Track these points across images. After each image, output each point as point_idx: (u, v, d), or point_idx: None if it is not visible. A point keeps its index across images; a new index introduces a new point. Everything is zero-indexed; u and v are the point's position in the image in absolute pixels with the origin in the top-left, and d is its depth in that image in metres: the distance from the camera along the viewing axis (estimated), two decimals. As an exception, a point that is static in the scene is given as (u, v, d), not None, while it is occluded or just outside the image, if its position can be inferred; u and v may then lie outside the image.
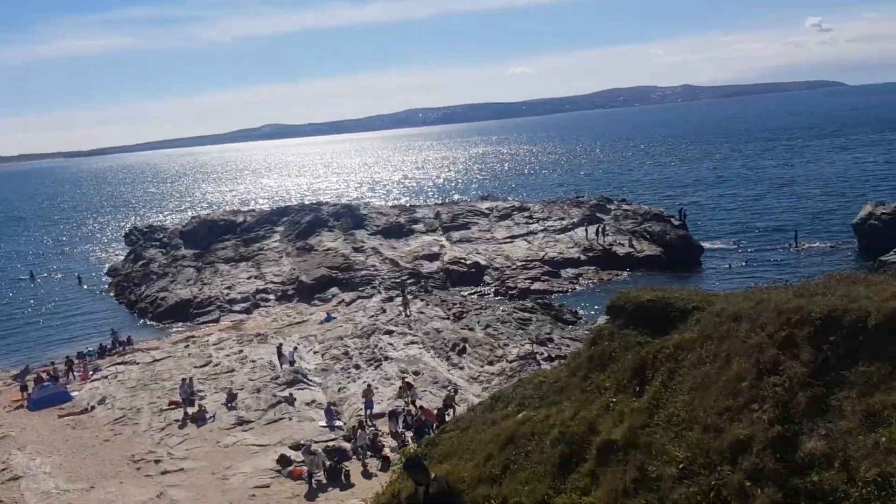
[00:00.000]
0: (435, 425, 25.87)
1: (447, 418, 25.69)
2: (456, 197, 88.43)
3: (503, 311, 45.61)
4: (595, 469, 8.99)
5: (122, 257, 76.51)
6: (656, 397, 9.28)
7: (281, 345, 40.19)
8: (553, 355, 36.18)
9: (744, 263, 53.11)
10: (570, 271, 56.04)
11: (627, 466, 8.48)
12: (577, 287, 53.30)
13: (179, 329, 50.79)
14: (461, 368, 37.03)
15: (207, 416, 32.89)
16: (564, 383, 11.65)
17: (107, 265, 76.38)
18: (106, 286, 67.97)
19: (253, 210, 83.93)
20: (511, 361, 37.05)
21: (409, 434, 28.65)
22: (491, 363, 37.35)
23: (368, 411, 31.63)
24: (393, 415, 30.73)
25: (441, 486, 7.78)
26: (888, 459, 6.25)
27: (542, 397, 11.83)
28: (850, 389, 7.04)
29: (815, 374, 7.44)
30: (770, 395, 7.66)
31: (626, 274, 53.95)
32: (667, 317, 10.57)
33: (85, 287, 69.17)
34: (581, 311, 45.97)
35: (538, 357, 37.00)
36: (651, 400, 9.27)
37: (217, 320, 51.46)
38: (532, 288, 52.55)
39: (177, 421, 32.90)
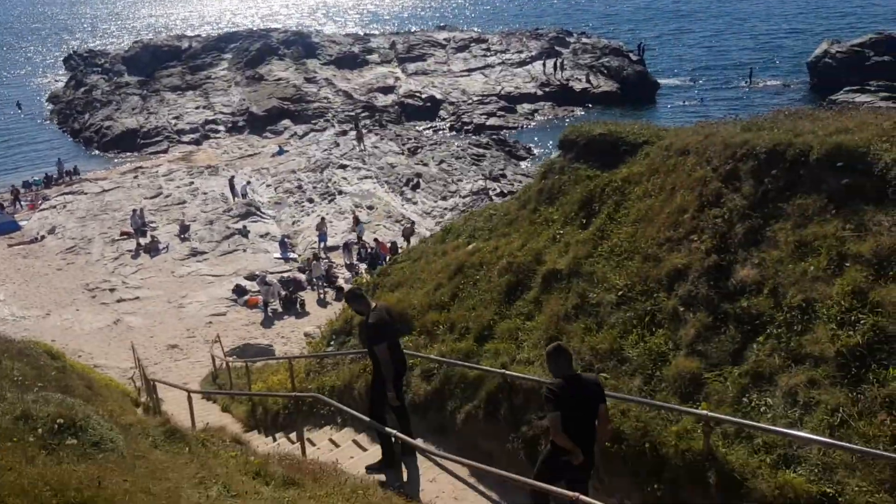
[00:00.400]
0: (388, 257, 26.49)
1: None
2: (413, 28, 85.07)
3: (458, 146, 45.35)
4: (539, 296, 9.23)
5: (62, 84, 72.88)
6: (601, 229, 9.42)
7: (233, 177, 39.64)
8: (505, 191, 36.44)
9: (699, 101, 53.16)
10: (527, 107, 55.39)
11: (570, 294, 8.75)
12: (533, 123, 52.90)
13: (127, 159, 49.64)
14: (415, 203, 37.21)
15: (160, 246, 32.86)
16: (514, 216, 11.70)
17: (47, 92, 72.94)
18: (48, 114, 65.22)
19: (199, 36, 79.44)
20: (464, 197, 37.32)
21: (362, 266, 29.32)
22: (444, 198, 37.60)
23: (322, 244, 31.97)
24: (346, 247, 31.11)
25: (380, 315, 7.97)
26: (814, 286, 6.54)
27: (492, 229, 11.97)
28: (785, 221, 7.21)
29: (755, 207, 7.58)
30: (710, 227, 7.83)
31: (581, 110, 53.57)
32: (617, 151, 10.53)
33: (25, 115, 66.56)
34: (535, 148, 45.95)
35: (491, 193, 37.29)
36: (596, 231, 9.41)
37: (166, 151, 50.12)
38: (487, 123, 51.96)
39: (129, 251, 32.87)
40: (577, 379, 5.90)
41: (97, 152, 52.78)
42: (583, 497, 5.35)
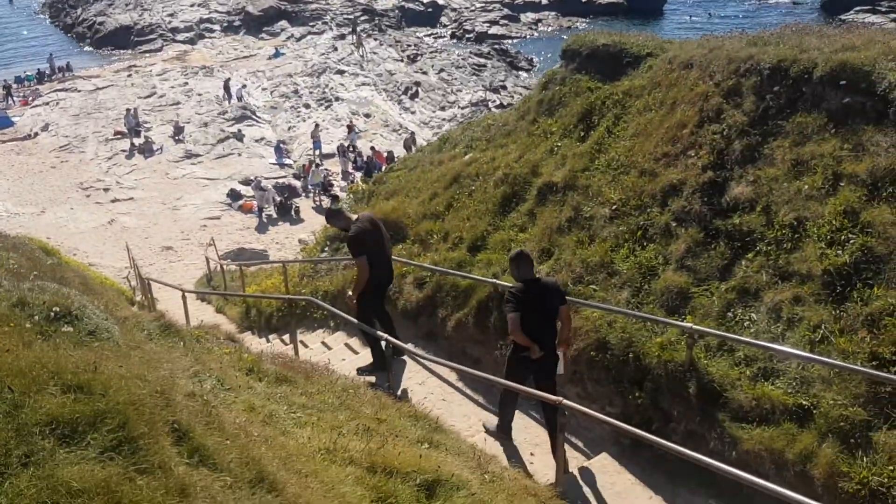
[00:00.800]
0: (384, 167, 26.42)
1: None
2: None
3: (458, 55, 44.42)
4: (533, 209, 9.20)
5: (52, -24, 70.84)
6: (599, 142, 9.31)
7: (228, 80, 38.91)
8: (505, 103, 35.91)
9: (707, 16, 51.86)
10: (531, 16, 53.98)
11: (564, 207, 8.73)
12: (536, 33, 51.68)
13: (121, 57, 48.54)
14: (413, 112, 36.69)
15: (155, 147, 32.53)
16: (512, 127, 11.55)
17: (36, -16, 70.99)
18: (39, 7, 63.52)
19: (193, -71, 76.76)
20: (463, 108, 36.79)
21: (357, 175, 29.14)
22: (443, 108, 37.07)
23: (317, 151, 31.70)
24: (342, 151, 30.85)
25: (359, 228, 8.02)
26: (806, 205, 6.51)
27: (490, 140, 11.85)
28: (784, 139, 7.11)
29: (754, 124, 7.46)
30: (708, 143, 7.73)
31: (586, 21, 52.20)
32: (620, 62, 10.30)
33: (16, 6, 64.89)
34: (537, 60, 45.05)
35: (490, 104, 36.74)
36: (594, 145, 9.30)
37: (160, 49, 48.94)
38: (490, 32, 50.69)
39: (123, 151, 32.56)
40: (537, 282, 6.24)
41: (90, 49, 51.52)
42: (566, 401, 5.54)
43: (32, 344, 3.08)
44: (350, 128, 32.98)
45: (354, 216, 7.99)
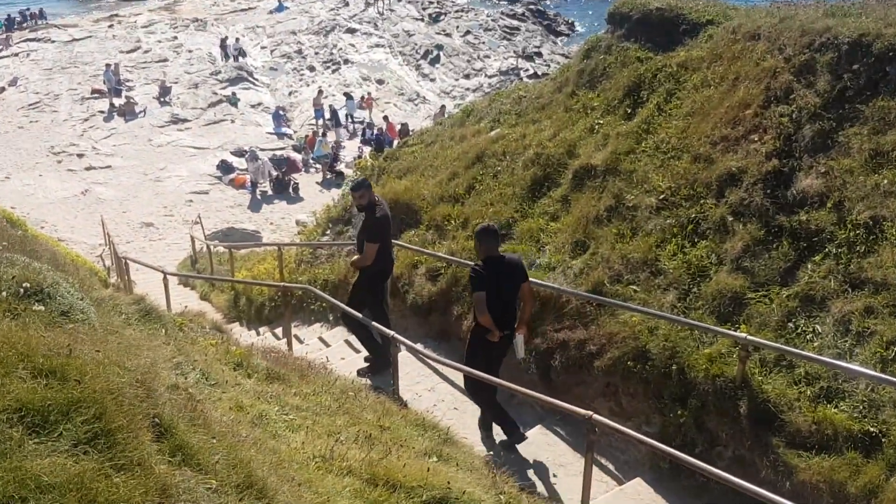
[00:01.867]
0: (395, 141, 26.43)
1: None
2: None
3: (488, 16, 44.30)
4: (568, 194, 9.20)
5: None
6: (648, 121, 9.22)
7: (225, 38, 39.07)
8: (539, 72, 35.72)
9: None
10: (573, -26, 53.85)
11: (603, 193, 8.68)
12: (579, -6, 51.61)
13: (101, 5, 48.85)
14: (432, 80, 36.59)
15: (137, 109, 32.73)
16: (547, 100, 11.45)
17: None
18: (9, -56, 64.11)
19: None
20: (491, 76, 36.67)
21: (366, 149, 29.10)
22: (467, 76, 36.97)
23: (320, 121, 31.81)
24: (332, 116, 31.19)
25: (385, 213, 8.42)
26: (885, 203, 6.43)
27: (521, 114, 11.77)
28: (861, 126, 7.02)
29: (828, 107, 7.37)
30: (774, 126, 7.65)
31: (637, -17, 51.79)
32: (675, 30, 10.20)
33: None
34: (578, 24, 44.89)
35: (522, 73, 36.57)
36: (641, 124, 9.23)
37: (146, -2, 49.40)
38: (525, -10, 50.76)
39: (101, 112, 32.78)
40: (501, 259, 6.81)
41: (66, -6, 52.00)
42: (596, 416, 5.53)
43: (-1, 322, 3.13)
44: (348, 95, 32.88)
45: (376, 197, 8.16)
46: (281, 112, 32.58)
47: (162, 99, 33.76)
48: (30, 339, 2.94)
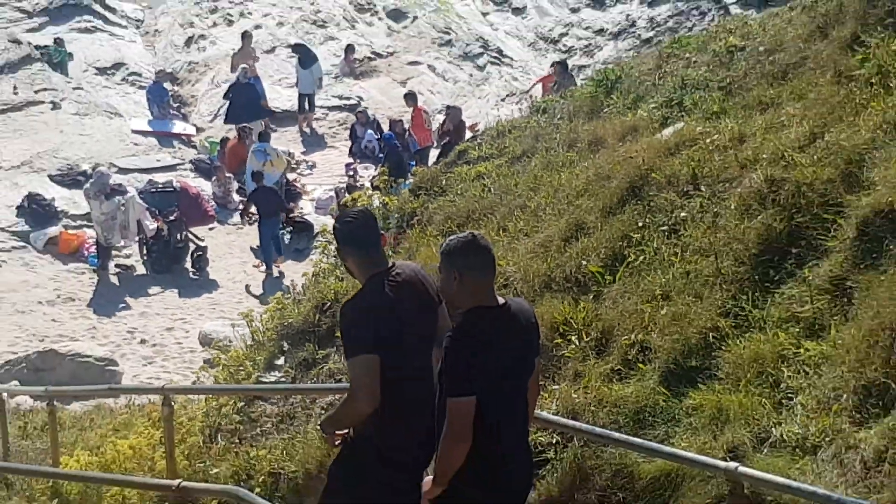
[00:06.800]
0: (433, 151, 21.74)
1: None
2: None
3: None
4: (848, 274, 7.85)
5: None
6: None
7: None
8: None
9: None
10: None
11: None
12: None
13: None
14: (518, 10, 28.31)
15: None
16: (794, 55, 10.21)
17: None
18: None
19: None
20: (653, 3, 26.41)
21: (363, 169, 22.82)
22: (600, 2, 29.21)
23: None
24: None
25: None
26: None
27: (731, 88, 11.00)
28: None
29: None
30: None
31: None
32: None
33: None
34: None
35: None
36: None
37: None
38: None
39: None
40: (505, 312, 5.51)
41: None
42: None
43: None
44: (302, 50, 24.33)
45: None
46: (164, 86, 24.57)
47: None
48: None
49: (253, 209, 20.03)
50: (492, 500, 5.35)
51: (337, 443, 6.12)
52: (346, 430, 5.79)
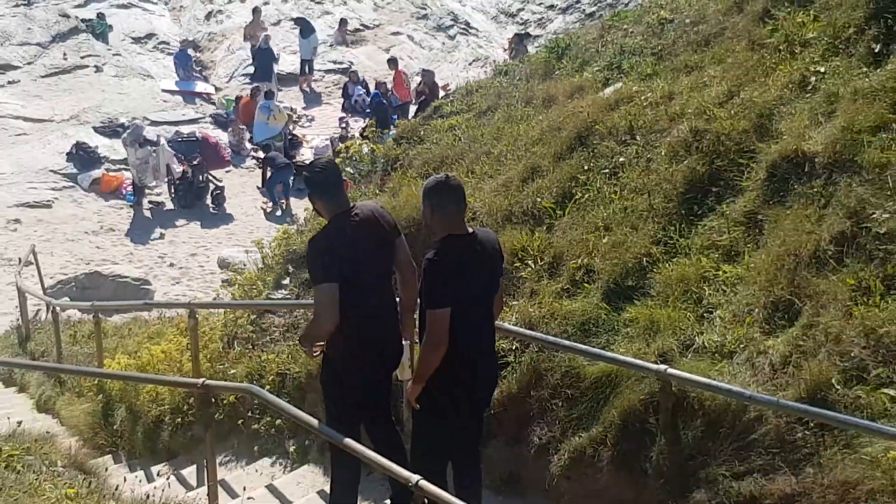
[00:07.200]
0: (412, 106, 23.97)
1: None
2: None
3: None
4: (758, 210, 8.52)
5: None
6: None
7: None
8: None
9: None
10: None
11: (829, 209, 7.96)
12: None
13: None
14: None
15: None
16: (715, 27, 10.74)
17: None
18: None
19: None
20: None
21: (353, 121, 25.67)
22: None
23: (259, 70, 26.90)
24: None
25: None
26: None
27: (662, 54, 11.52)
28: None
29: None
30: None
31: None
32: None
33: None
34: None
35: None
36: None
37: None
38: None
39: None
40: (472, 239, 5.91)
41: None
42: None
43: None
44: (303, 23, 28.02)
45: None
46: (189, 52, 27.51)
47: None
48: None
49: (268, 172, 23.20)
50: (463, 396, 5.91)
51: (315, 354, 6.91)
52: (321, 345, 6.39)
